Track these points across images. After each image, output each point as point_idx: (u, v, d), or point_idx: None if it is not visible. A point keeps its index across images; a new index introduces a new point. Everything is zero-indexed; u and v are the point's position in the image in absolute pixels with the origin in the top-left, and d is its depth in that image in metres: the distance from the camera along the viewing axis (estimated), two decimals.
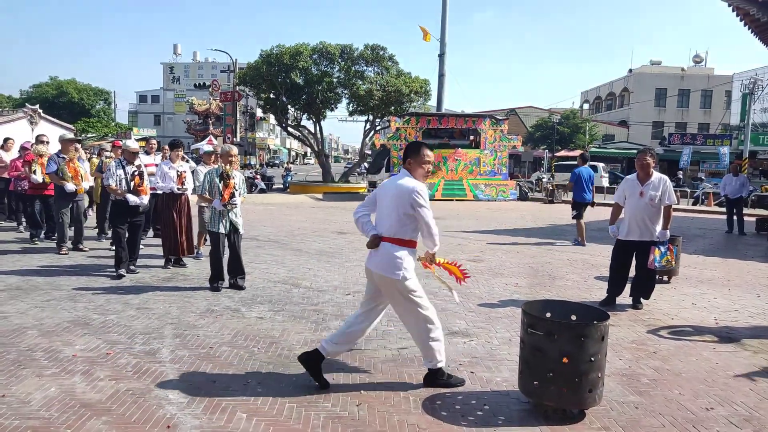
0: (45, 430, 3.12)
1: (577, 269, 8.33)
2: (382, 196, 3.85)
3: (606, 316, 3.48)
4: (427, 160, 3.81)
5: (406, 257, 3.71)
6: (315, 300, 6.08)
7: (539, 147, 45.90)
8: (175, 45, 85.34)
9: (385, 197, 3.79)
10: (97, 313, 5.37)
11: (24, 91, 60.98)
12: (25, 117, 30.36)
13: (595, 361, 3.30)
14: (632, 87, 49.57)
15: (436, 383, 3.85)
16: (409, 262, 3.72)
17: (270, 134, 79.06)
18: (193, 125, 45.33)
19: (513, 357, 4.35)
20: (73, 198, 8.51)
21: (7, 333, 4.71)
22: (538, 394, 3.43)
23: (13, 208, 11.41)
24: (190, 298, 6.01)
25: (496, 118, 23.35)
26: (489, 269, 8.11)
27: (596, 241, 11.35)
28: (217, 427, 3.22)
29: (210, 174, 6.46)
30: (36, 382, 3.75)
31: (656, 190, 5.84)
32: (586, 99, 60.87)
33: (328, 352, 3.83)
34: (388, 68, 25.45)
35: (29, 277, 6.79)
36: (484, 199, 21.77)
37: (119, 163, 7.10)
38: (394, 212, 3.71)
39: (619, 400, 3.72)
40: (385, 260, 3.70)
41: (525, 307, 3.58)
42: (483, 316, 5.66)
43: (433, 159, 3.86)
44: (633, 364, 4.38)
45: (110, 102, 63.44)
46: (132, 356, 4.26)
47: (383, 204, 3.81)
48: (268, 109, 27.78)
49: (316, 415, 3.39)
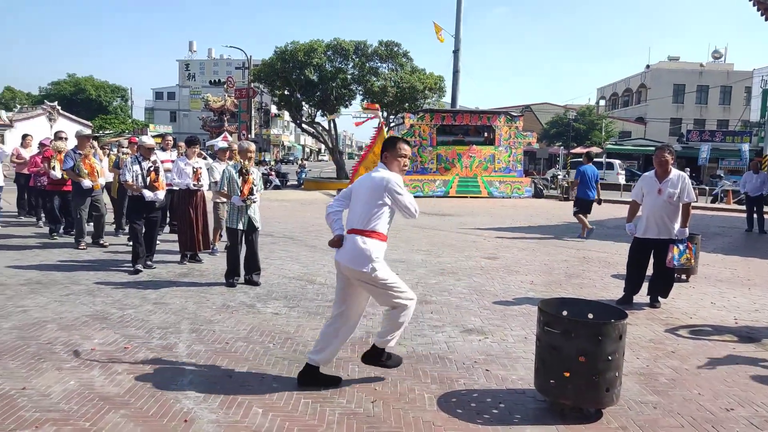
0: (64, 422, 3.16)
1: (593, 267, 8.25)
2: (357, 189, 3.80)
3: (624, 314, 3.45)
4: (402, 154, 3.77)
5: (375, 249, 3.61)
6: (329, 296, 6.09)
7: (555, 144, 45.55)
8: (191, 42, 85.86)
9: (360, 190, 3.75)
10: (115, 307, 5.43)
11: (43, 89, 61.86)
12: (44, 114, 30.85)
13: (613, 360, 3.26)
14: (650, 83, 48.96)
15: (374, 361, 3.87)
16: (378, 254, 3.62)
17: (284, 131, 79.33)
18: (209, 122, 45.61)
19: (529, 355, 4.32)
20: (89, 194, 8.60)
21: (27, 327, 4.78)
22: (555, 392, 3.40)
23: (32, 203, 11.58)
24: (206, 294, 6.05)
25: (511, 115, 23.19)
26: (504, 266, 8.07)
27: (613, 238, 11.24)
28: (234, 421, 3.24)
29: (228, 170, 6.49)
30: (56, 375, 3.80)
31: (675, 188, 5.76)
32: (602, 95, 60.26)
33: (317, 361, 3.77)
34: (403, 65, 25.41)
35: (49, 271, 6.88)
36: (499, 196, 21.66)
37: (135, 159, 7.17)
38: (368, 204, 3.67)
39: (637, 399, 3.68)
40: (355, 253, 3.61)
41: (541, 305, 3.55)
42: (498, 313, 5.63)
43: (409, 153, 3.83)
44: (651, 364, 4.33)
45: (127, 99, 64.11)
46: (149, 350, 4.31)
47: (358, 197, 3.75)
48: (283, 105, 27.89)
49: (331, 411, 3.40)
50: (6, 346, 4.30)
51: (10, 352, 4.17)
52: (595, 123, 45.29)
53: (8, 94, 58.40)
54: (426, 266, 7.90)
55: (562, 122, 43.60)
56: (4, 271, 6.80)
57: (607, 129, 44.76)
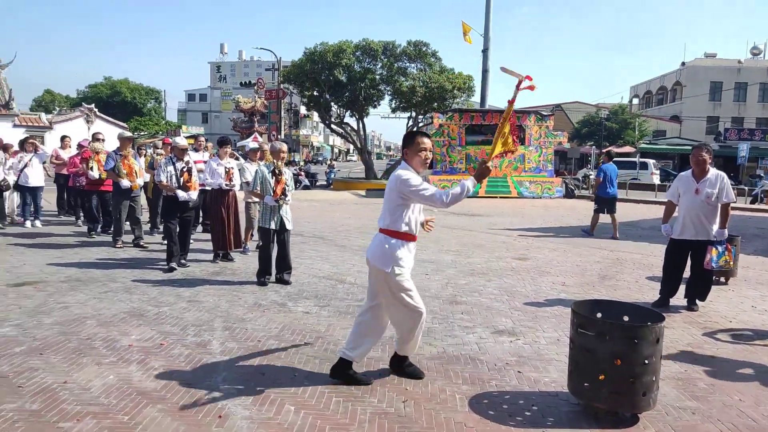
0: (104, 416, 3.25)
1: (628, 269, 8.09)
2: (386, 190, 3.79)
3: (661, 317, 3.37)
4: (422, 148, 3.68)
5: (399, 250, 3.62)
6: (360, 296, 6.12)
7: (586, 143, 44.80)
8: (222, 44, 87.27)
9: (386, 189, 3.75)
10: (150, 304, 5.56)
11: (80, 91, 63.59)
12: (82, 116, 31.71)
13: (650, 364, 3.19)
14: (685, 81, 47.73)
15: (397, 367, 3.93)
16: (402, 255, 3.62)
17: (313, 131, 79.97)
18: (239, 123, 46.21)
19: (561, 357, 4.27)
20: (129, 194, 8.80)
21: (68, 322, 4.93)
22: (589, 395, 3.35)
23: (71, 203, 11.92)
24: (238, 292, 6.14)
25: (542, 114, 22.92)
26: (535, 267, 7.98)
27: (647, 239, 11.02)
28: (267, 418, 3.29)
29: (261, 170, 6.57)
30: (95, 369, 3.91)
31: (713, 188, 5.61)
32: (635, 93, 59.02)
33: (351, 357, 3.80)
34: (431, 64, 25.32)
35: (88, 269, 7.08)
36: (529, 196, 21.42)
37: (170, 159, 7.32)
38: (388, 203, 3.68)
39: (675, 404, 3.59)
40: (379, 251, 3.65)
41: (575, 307, 3.50)
42: (530, 315, 5.57)
43: (429, 145, 3.72)
44: (689, 368, 4.23)
45: (161, 101, 65.45)
46: (184, 347, 4.39)
47: (385, 196, 3.76)
48: (312, 106, 28.10)
49: (363, 410, 3.42)
50: (48, 341, 4.44)
51: (53, 347, 4.30)
52: (628, 122, 44.35)
53: (48, 97, 60.31)
54: (456, 267, 7.87)
55: (594, 121, 42.83)
56: (45, 269, 7.02)
57: (640, 128, 43.80)
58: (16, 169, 10.44)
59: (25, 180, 10.44)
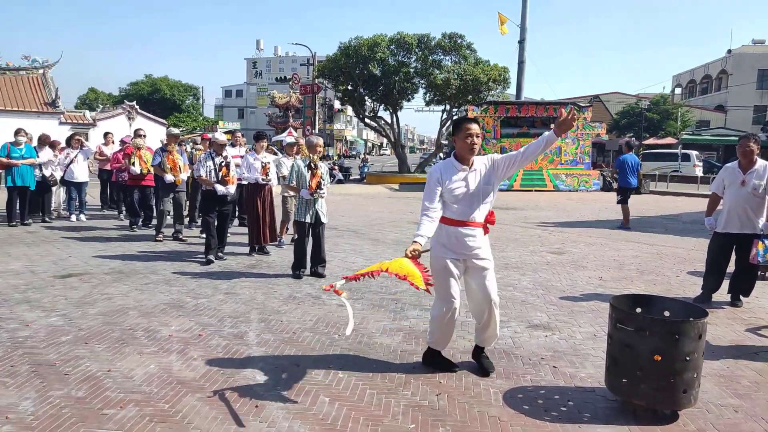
0: (146, 403, 3.35)
1: (668, 263, 7.88)
2: None
3: (704, 313, 3.27)
4: (468, 134, 3.62)
5: (438, 233, 3.80)
6: (393, 289, 6.13)
7: (625, 135, 43.67)
8: (258, 41, 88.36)
9: None
10: (189, 296, 5.70)
11: (122, 89, 65.44)
12: (124, 113, 32.63)
13: (691, 361, 3.11)
14: (731, 69, 45.96)
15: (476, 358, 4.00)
16: (437, 238, 3.80)
17: (347, 125, 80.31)
18: (274, 118, 46.87)
19: (598, 353, 4.19)
20: (173, 189, 9.04)
21: (112, 313, 5.10)
22: (627, 392, 3.28)
23: (114, 198, 12.30)
24: (273, 285, 6.24)
25: (579, 105, 22.47)
26: (571, 262, 7.85)
27: (689, 233, 10.70)
28: (302, 409, 3.34)
29: (297, 164, 6.64)
30: (137, 359, 4.03)
31: (761, 179, 5.40)
32: (678, 83, 57.16)
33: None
34: (466, 57, 25.08)
35: (130, 261, 7.31)
36: (565, 189, 21.05)
37: (209, 154, 7.47)
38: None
39: (717, 402, 3.49)
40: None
41: (613, 302, 3.43)
42: (565, 309, 5.49)
43: (476, 131, 3.66)
44: (732, 365, 4.10)
45: (198, 97, 66.76)
46: (222, 338, 4.49)
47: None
48: (346, 100, 28.21)
49: (396, 403, 3.43)
50: (93, 330, 4.60)
51: (97, 336, 4.46)
52: (670, 112, 43.01)
53: (92, 95, 62.20)
54: None
55: (634, 112, 41.68)
56: (90, 261, 7.27)
57: (683, 118, 42.42)
58: (63, 165, 10.83)
59: (70, 175, 10.83)
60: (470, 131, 3.64)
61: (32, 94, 28.79)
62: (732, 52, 47.14)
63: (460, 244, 3.73)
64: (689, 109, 45.34)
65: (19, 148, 10.02)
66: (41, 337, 4.43)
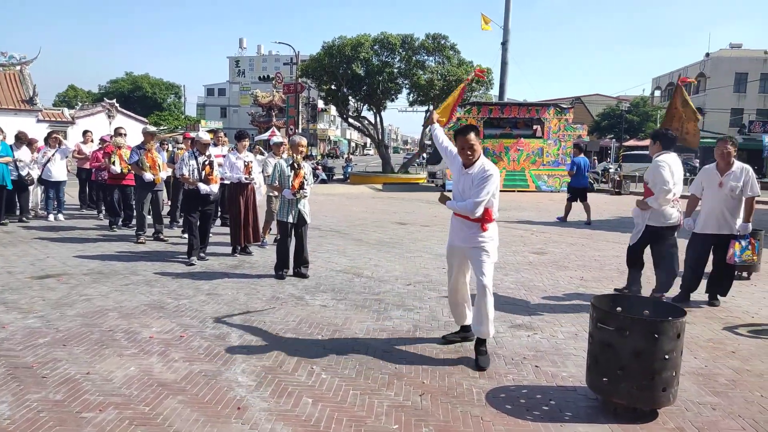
0: (126, 406, 3.31)
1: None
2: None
3: (682, 312, 3.32)
4: (462, 146, 4.04)
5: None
6: (376, 290, 6.13)
7: (606, 136, 44.23)
8: (241, 39, 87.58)
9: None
10: (170, 297, 5.64)
11: (102, 87, 64.51)
12: (104, 111, 32.17)
13: (670, 359, 3.16)
14: (709, 72, 46.74)
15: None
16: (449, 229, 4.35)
17: (331, 125, 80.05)
18: (257, 117, 46.51)
19: (579, 352, 4.24)
20: (152, 188, 8.90)
21: (91, 314, 5.02)
22: (607, 391, 3.32)
23: (93, 197, 12.12)
24: (256, 285, 6.20)
25: (561, 107, 22.64)
26: (553, 262, 7.92)
27: None
28: (285, 410, 3.32)
29: (280, 164, 6.61)
30: (117, 361, 3.98)
31: (737, 181, 5.51)
32: (657, 85, 57.96)
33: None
34: (450, 57, 25.16)
35: (109, 262, 7.20)
36: (547, 190, 21.23)
37: (192, 153, 7.39)
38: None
39: (695, 400, 3.55)
40: None
41: (594, 301, 3.47)
42: (547, 309, 5.54)
43: (469, 143, 4.02)
44: (710, 364, 4.17)
45: (180, 96, 66.10)
46: (204, 339, 4.45)
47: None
48: (330, 100, 28.15)
49: (380, 403, 3.43)
50: (72, 332, 4.53)
51: (76, 339, 4.39)
52: (650, 114, 43.68)
53: (71, 93, 61.24)
54: None
55: (614, 114, 42.26)
56: (68, 261, 7.15)
57: (662, 120, 43.07)
58: (40, 163, 10.63)
59: (48, 174, 10.64)
60: (464, 144, 4.03)
61: (9, 91, 28.25)
62: (710, 55, 47.97)
63: (454, 232, 4.24)
64: None
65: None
66: (18, 339, 4.34)
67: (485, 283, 3.98)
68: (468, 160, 4.04)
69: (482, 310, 3.98)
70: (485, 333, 4.04)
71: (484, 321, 3.99)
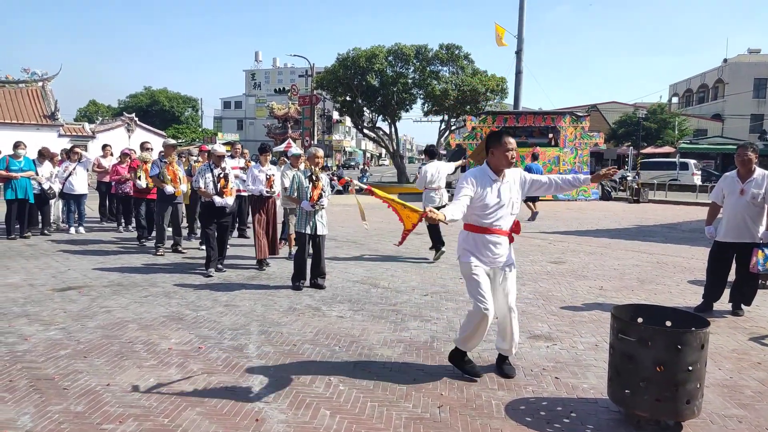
0: (145, 418, 3.32)
1: (668, 272, 7.87)
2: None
3: (705, 322, 3.26)
4: (508, 148, 3.82)
5: (464, 239, 3.93)
6: (393, 300, 6.12)
7: (623, 144, 43.78)
8: (257, 52, 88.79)
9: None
10: (189, 309, 5.67)
11: (121, 101, 65.69)
12: (123, 125, 32.72)
13: (694, 371, 3.09)
14: (727, 78, 46.18)
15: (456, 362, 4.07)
16: (466, 245, 3.89)
17: (346, 136, 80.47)
18: (273, 129, 46.97)
19: (600, 363, 4.17)
20: (172, 201, 8.97)
21: (111, 326, 5.07)
22: (630, 403, 3.26)
23: (113, 210, 12.28)
24: (273, 297, 6.22)
25: (577, 115, 22.52)
26: (571, 271, 7.83)
27: (689, 242, 10.70)
28: (303, 422, 3.31)
29: (298, 176, 6.64)
30: (137, 372, 4.01)
31: (759, 188, 5.41)
32: (675, 92, 57.40)
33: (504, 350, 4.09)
34: (464, 67, 25.23)
35: (128, 274, 7.28)
36: (564, 198, 21.06)
37: (207, 166, 7.46)
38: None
39: (720, 412, 3.47)
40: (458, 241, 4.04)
41: (615, 312, 3.41)
42: (566, 319, 5.47)
43: (514, 145, 3.87)
44: (735, 375, 4.08)
45: (197, 109, 66.99)
46: (222, 351, 4.47)
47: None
48: (345, 111, 28.35)
49: (398, 416, 3.41)
50: (92, 344, 4.58)
51: (96, 350, 4.43)
52: (668, 121, 43.16)
53: (92, 108, 62.41)
54: None
55: (632, 121, 41.82)
56: (89, 274, 7.25)
57: (680, 127, 42.55)
58: (61, 177, 10.81)
59: (69, 188, 10.81)
60: (511, 145, 3.84)
61: (31, 106, 28.87)
62: (728, 61, 47.40)
63: (487, 251, 3.85)
64: (686, 118, 45.50)
65: (18, 161, 10.02)
66: (40, 351, 4.40)
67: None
68: (511, 165, 3.86)
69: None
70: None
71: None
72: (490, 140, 3.90)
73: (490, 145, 3.88)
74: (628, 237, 11.41)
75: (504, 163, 3.83)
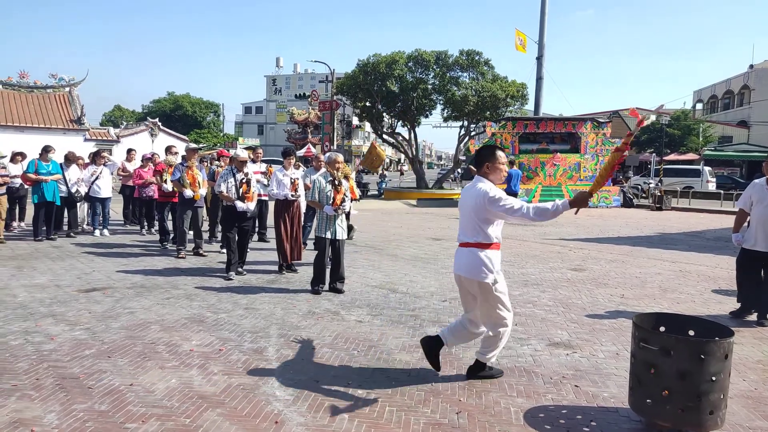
0: (167, 418, 3.38)
1: (691, 281, 7.74)
2: (462, 205, 4.01)
3: (730, 332, 3.21)
4: (503, 161, 3.91)
5: (491, 259, 3.84)
6: (412, 305, 6.12)
7: (646, 150, 43.22)
8: (278, 58, 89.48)
9: (465, 206, 3.95)
10: (210, 311, 5.75)
11: (145, 106, 66.83)
12: (147, 129, 33.30)
13: (717, 381, 3.05)
14: (754, 84, 45.30)
15: (477, 374, 4.05)
16: (495, 264, 3.85)
17: (365, 141, 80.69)
18: (293, 134, 47.29)
19: (621, 372, 4.13)
20: (192, 204, 9.08)
21: (134, 327, 5.16)
22: (651, 413, 3.22)
23: (136, 213, 12.48)
24: (292, 300, 6.26)
25: (598, 121, 22.29)
26: (592, 279, 7.75)
27: (712, 251, 10.52)
28: (321, 425, 3.33)
29: (319, 180, 6.68)
30: (159, 373, 4.07)
31: None
32: (699, 98, 56.48)
33: (448, 342, 4.12)
34: (484, 73, 25.13)
35: (151, 276, 7.40)
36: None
37: (230, 171, 7.56)
38: (474, 219, 3.86)
39: (745, 424, 3.41)
40: (472, 264, 3.85)
41: (636, 320, 3.38)
42: (587, 327, 5.42)
43: (506, 161, 3.95)
44: (760, 386, 4.00)
45: (219, 114, 67.82)
46: (242, 353, 4.52)
47: (463, 212, 3.98)
48: (364, 117, 28.39)
49: (416, 420, 3.41)
50: (116, 344, 4.66)
51: (120, 351, 4.52)
52: (692, 128, 42.51)
53: (117, 113, 63.62)
54: (509, 277, 7.73)
55: (655, 128, 41.28)
56: (113, 275, 7.38)
57: (704, 134, 41.87)
58: (88, 181, 11.03)
59: (95, 191, 11.02)
60: (504, 159, 3.93)
61: (59, 111, 29.53)
62: (754, 67, 46.54)
63: (498, 265, 3.93)
64: (711, 124, 44.75)
65: (47, 165, 10.25)
66: (65, 350, 4.50)
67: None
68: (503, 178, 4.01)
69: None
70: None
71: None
72: (485, 155, 3.95)
73: (486, 160, 3.92)
74: (650, 245, 11.25)
75: (500, 177, 3.93)
